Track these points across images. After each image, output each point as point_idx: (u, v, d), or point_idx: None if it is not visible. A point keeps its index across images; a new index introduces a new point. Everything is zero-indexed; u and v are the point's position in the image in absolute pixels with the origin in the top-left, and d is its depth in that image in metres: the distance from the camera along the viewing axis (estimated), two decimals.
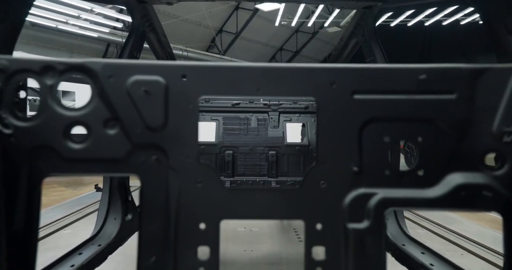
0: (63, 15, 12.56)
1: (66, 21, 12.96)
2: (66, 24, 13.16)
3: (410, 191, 1.09)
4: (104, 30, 14.37)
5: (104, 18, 13.49)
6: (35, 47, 15.36)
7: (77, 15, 12.71)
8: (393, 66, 1.10)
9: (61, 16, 12.58)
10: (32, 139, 1.01)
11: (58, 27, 13.30)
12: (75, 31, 13.77)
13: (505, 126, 1.05)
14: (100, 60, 1.07)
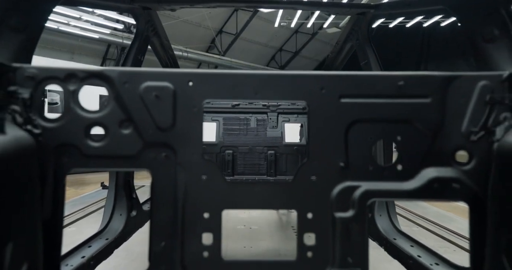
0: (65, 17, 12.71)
1: (67, 22, 13.11)
2: (67, 25, 13.31)
3: (390, 183, 1.24)
4: (105, 31, 14.50)
5: (105, 20, 13.63)
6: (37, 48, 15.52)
7: (78, 17, 12.86)
8: (375, 74, 1.25)
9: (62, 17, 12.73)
10: (58, 138, 1.15)
11: (60, 28, 13.45)
12: (76, 32, 13.91)
13: (472, 127, 1.19)
14: (116, 69, 1.21)
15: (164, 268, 1.20)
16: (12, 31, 1.46)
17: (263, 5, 2.78)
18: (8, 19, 1.44)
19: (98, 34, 14.40)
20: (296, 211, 1.26)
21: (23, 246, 0.97)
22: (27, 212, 1.02)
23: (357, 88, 1.24)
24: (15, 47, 1.45)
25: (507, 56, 1.53)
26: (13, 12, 1.46)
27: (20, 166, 0.97)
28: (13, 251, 0.90)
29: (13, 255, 0.90)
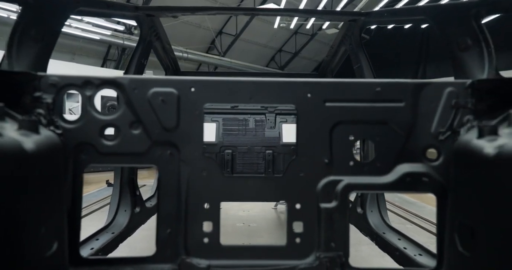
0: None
1: (69, 24, 13.26)
2: (69, 27, 13.46)
3: (369, 178, 1.40)
4: (106, 32, 14.65)
5: (106, 21, 13.79)
6: None
7: (80, 18, 13.02)
8: (355, 81, 1.41)
9: None
10: (76, 138, 1.32)
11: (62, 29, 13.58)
12: (77, 34, 14.06)
13: (440, 127, 1.36)
14: (127, 77, 1.38)
15: (170, 252, 1.36)
16: (32, 41, 1.62)
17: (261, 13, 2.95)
18: (29, 30, 1.60)
19: (99, 35, 14.54)
20: (286, 202, 1.43)
21: (54, 228, 1.14)
22: (57, 201, 1.18)
23: (340, 93, 1.41)
24: (34, 55, 1.62)
25: (478, 64, 1.70)
26: (33, 24, 1.62)
27: (52, 161, 1.13)
28: (47, 231, 1.06)
29: (47, 235, 1.06)
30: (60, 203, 1.20)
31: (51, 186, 1.14)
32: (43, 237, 1.05)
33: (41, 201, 1.06)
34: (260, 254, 1.41)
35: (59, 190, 1.20)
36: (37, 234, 1.04)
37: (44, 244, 1.07)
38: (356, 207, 3.03)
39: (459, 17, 1.75)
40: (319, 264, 1.36)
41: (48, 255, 1.10)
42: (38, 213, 1.04)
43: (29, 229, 0.99)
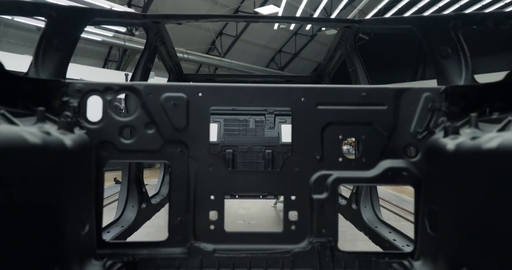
0: None
1: None
2: None
3: (356, 172, 1.59)
4: (108, 34, 14.84)
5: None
6: None
7: None
8: (343, 87, 1.60)
9: None
10: (98, 137, 1.50)
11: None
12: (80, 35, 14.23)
13: (418, 128, 1.55)
14: (142, 83, 1.57)
15: (180, 237, 1.55)
16: (54, 49, 1.81)
17: (261, 21, 3.13)
18: (52, 41, 1.79)
19: (101, 37, 14.72)
20: (283, 194, 1.61)
21: (87, 212, 1.32)
22: (88, 189, 1.37)
23: (330, 98, 1.60)
24: (56, 62, 1.81)
25: (457, 70, 1.89)
26: (55, 35, 1.81)
27: (83, 155, 1.31)
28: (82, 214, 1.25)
29: (82, 217, 1.25)
30: (89, 191, 1.39)
31: (84, 176, 1.33)
32: (80, 217, 1.24)
33: (77, 188, 1.24)
34: (259, 240, 1.60)
35: (89, 180, 1.39)
36: (76, 214, 1.22)
37: (80, 223, 1.26)
38: (351, 203, 3.20)
39: (440, 28, 1.94)
40: (312, 248, 1.55)
41: (83, 234, 1.29)
42: (76, 197, 1.23)
43: (71, 209, 1.18)
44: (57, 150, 1.10)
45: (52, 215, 1.10)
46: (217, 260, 1.55)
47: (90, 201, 1.39)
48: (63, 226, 1.15)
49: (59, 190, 1.12)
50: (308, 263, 1.55)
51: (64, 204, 1.15)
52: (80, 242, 1.26)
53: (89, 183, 1.40)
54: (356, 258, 1.56)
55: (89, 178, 1.40)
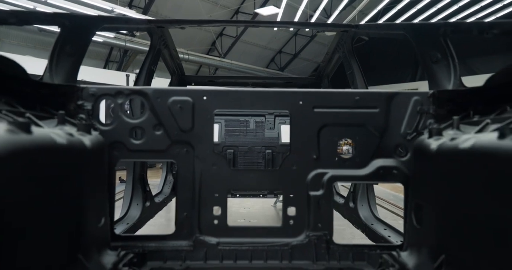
0: None
1: None
2: None
3: (349, 170, 1.70)
4: (109, 35, 14.94)
5: None
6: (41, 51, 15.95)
7: None
8: (338, 91, 1.72)
9: None
10: (110, 137, 1.61)
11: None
12: None
13: (408, 129, 1.66)
14: (151, 88, 1.68)
15: (186, 231, 1.67)
16: (67, 55, 1.93)
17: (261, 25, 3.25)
18: (64, 47, 1.91)
19: (102, 38, 14.82)
20: (282, 191, 1.73)
21: (103, 206, 1.44)
22: (103, 185, 1.48)
23: (326, 101, 1.71)
24: (68, 68, 1.93)
25: (446, 74, 2.01)
26: (68, 42, 1.93)
27: (99, 154, 1.43)
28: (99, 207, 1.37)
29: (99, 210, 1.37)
30: (104, 188, 1.50)
31: (100, 174, 1.44)
32: (97, 211, 1.36)
33: (95, 184, 1.36)
34: (260, 233, 1.71)
35: (104, 178, 1.51)
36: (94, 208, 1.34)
37: (97, 217, 1.37)
38: (348, 202, 3.31)
39: (430, 35, 2.05)
40: (308, 241, 1.67)
41: (100, 226, 1.40)
42: (94, 193, 1.34)
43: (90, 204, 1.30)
44: (78, 150, 1.21)
45: (76, 208, 1.22)
46: (221, 253, 1.67)
47: (105, 197, 1.51)
48: (85, 218, 1.27)
49: (81, 186, 1.24)
50: (305, 255, 1.67)
51: (85, 199, 1.27)
52: (98, 234, 1.38)
53: (104, 180, 1.52)
54: (350, 251, 1.68)
55: (104, 175, 1.52)
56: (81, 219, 1.25)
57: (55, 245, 1.09)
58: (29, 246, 0.95)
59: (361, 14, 16.90)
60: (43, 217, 1.02)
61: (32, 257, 0.96)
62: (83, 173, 1.27)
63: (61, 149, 1.10)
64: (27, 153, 0.92)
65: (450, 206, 1.22)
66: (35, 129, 0.99)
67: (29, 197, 0.95)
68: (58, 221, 1.11)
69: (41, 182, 1.01)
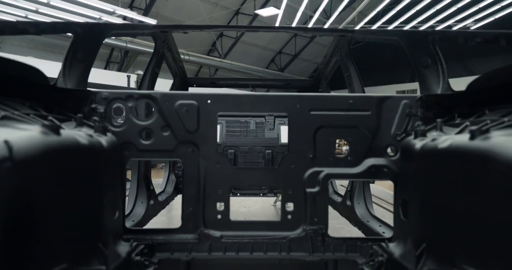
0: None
1: None
2: None
3: (343, 169, 1.83)
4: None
5: None
6: (43, 52, 16.10)
7: None
8: (333, 95, 1.84)
9: None
10: (121, 138, 1.74)
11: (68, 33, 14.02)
12: None
13: (397, 131, 1.79)
14: (159, 92, 1.81)
15: (192, 225, 1.80)
16: (78, 61, 2.06)
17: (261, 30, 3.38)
18: (76, 54, 2.04)
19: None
20: (280, 188, 1.86)
21: (117, 200, 1.57)
22: (117, 181, 1.61)
23: (321, 104, 1.84)
24: (80, 73, 2.05)
25: (435, 79, 2.13)
26: (79, 48, 2.05)
27: (114, 153, 1.56)
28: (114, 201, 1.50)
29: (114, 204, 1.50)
30: (118, 185, 1.63)
31: (114, 171, 1.57)
32: (113, 205, 1.49)
33: (111, 181, 1.49)
34: (260, 227, 1.84)
35: (118, 175, 1.64)
36: (110, 202, 1.47)
37: (113, 210, 1.50)
38: (346, 200, 3.44)
39: (420, 41, 2.18)
40: (305, 234, 1.80)
41: (114, 219, 1.53)
42: (110, 188, 1.47)
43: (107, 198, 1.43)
44: (97, 150, 1.34)
45: (96, 202, 1.35)
46: (224, 245, 1.79)
47: (118, 193, 1.64)
48: (103, 211, 1.40)
49: (100, 182, 1.37)
50: (302, 247, 1.79)
51: (103, 194, 1.40)
52: (113, 226, 1.50)
53: (118, 177, 1.65)
54: (344, 243, 1.80)
55: (117, 173, 1.65)
56: (100, 212, 1.38)
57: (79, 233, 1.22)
58: (59, 233, 1.08)
59: (360, 15, 17.02)
60: (70, 208, 1.15)
61: (61, 243, 1.09)
62: (101, 170, 1.40)
63: (84, 149, 1.23)
64: (56, 152, 1.05)
65: (430, 200, 1.35)
66: (62, 131, 1.12)
67: (58, 190, 1.08)
68: (82, 212, 1.24)
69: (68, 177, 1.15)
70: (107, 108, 1.76)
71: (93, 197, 1.33)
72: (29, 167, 0.91)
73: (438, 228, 1.29)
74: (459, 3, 15.60)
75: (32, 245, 0.94)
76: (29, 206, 0.93)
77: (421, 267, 1.21)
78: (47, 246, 1.00)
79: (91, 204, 1.32)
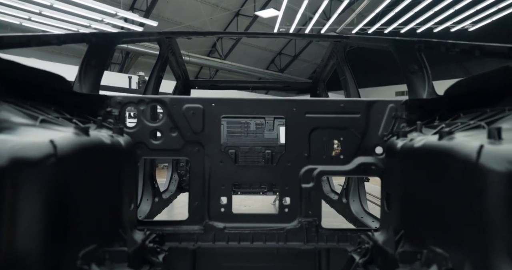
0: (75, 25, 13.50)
1: (77, 30, 13.90)
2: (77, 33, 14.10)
3: (336, 166, 2.01)
4: None
5: (112, 27, 14.42)
6: (45, 53, 16.26)
7: (88, 25, 13.65)
8: (326, 99, 2.03)
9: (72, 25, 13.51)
10: (134, 138, 1.92)
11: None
12: None
13: (385, 131, 1.97)
14: (168, 96, 1.99)
15: (198, 218, 1.98)
16: (92, 68, 2.24)
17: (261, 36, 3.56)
18: (91, 61, 2.22)
19: None
20: (278, 184, 2.04)
21: (132, 193, 1.75)
22: (132, 176, 1.79)
23: (315, 108, 2.03)
24: (93, 78, 2.23)
25: (422, 84, 2.31)
26: (93, 56, 2.23)
27: (129, 152, 1.74)
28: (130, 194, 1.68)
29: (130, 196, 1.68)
30: (133, 179, 1.81)
31: (130, 168, 1.76)
32: (129, 198, 1.67)
33: (127, 176, 1.67)
34: (260, 219, 2.02)
35: (133, 171, 1.82)
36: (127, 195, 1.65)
37: (129, 202, 1.68)
38: (341, 198, 3.61)
39: (408, 49, 2.36)
40: (301, 226, 1.98)
41: (130, 210, 1.71)
42: (127, 183, 1.65)
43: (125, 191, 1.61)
44: (117, 148, 1.52)
45: (117, 194, 1.54)
46: (227, 235, 1.98)
47: (133, 187, 1.82)
48: (122, 202, 1.58)
49: (120, 176, 1.56)
50: (298, 237, 1.98)
51: (122, 187, 1.58)
52: (129, 216, 1.68)
53: (133, 173, 1.83)
54: (335, 234, 1.98)
55: (132, 169, 1.83)
56: (120, 202, 1.57)
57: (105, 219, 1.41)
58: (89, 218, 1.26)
59: (360, 16, 17.19)
60: (97, 198, 1.34)
61: (91, 226, 1.27)
62: (120, 166, 1.58)
63: (107, 147, 1.42)
64: (87, 150, 1.24)
65: (407, 193, 1.54)
66: (90, 133, 1.30)
67: (88, 182, 1.27)
68: (106, 202, 1.43)
69: (95, 172, 1.33)
70: (121, 111, 1.94)
71: (114, 189, 1.52)
72: (68, 162, 1.10)
73: (413, 216, 1.48)
74: (457, 5, 15.79)
75: (70, 226, 1.13)
76: (68, 194, 1.11)
77: (399, 250, 1.39)
78: (81, 228, 1.19)
79: (112, 195, 1.50)
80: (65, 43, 2.05)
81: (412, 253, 1.31)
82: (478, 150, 1.04)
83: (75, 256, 1.15)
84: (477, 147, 1.04)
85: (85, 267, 1.17)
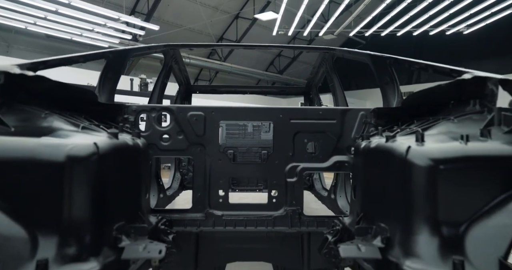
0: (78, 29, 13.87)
1: (80, 34, 14.28)
2: (79, 36, 14.47)
3: (315, 164, 2.40)
4: (114, 41, 15.61)
5: (115, 31, 14.81)
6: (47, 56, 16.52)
7: (91, 29, 14.02)
8: (307, 108, 2.42)
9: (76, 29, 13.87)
10: (147, 140, 2.30)
11: (73, 39, 14.64)
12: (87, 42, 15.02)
13: (356, 135, 2.36)
14: (175, 105, 2.38)
15: (200, 206, 2.36)
16: (108, 79, 2.62)
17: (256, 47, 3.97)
18: (107, 73, 2.60)
19: (107, 43, 15.48)
20: (267, 179, 2.42)
21: (147, 186, 2.14)
22: (146, 173, 2.17)
23: (299, 115, 2.41)
24: (109, 88, 2.62)
25: (393, 94, 2.70)
26: (110, 69, 2.62)
27: (145, 152, 2.11)
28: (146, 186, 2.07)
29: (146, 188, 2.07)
30: (147, 174, 2.19)
31: (146, 165, 2.14)
32: (145, 188, 2.05)
33: (144, 172, 2.05)
34: (252, 208, 2.40)
35: (147, 167, 2.20)
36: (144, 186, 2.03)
37: (145, 192, 2.06)
38: (330, 194, 3.98)
39: (382, 63, 2.75)
40: (286, 213, 2.36)
41: (146, 199, 2.09)
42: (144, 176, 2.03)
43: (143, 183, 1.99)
44: (137, 149, 1.91)
45: (138, 184, 1.92)
46: (224, 221, 2.36)
47: (147, 180, 2.20)
48: (141, 191, 1.97)
49: (139, 171, 1.94)
50: (283, 223, 2.36)
51: (141, 179, 1.96)
52: (145, 203, 2.06)
53: (148, 169, 2.21)
54: (315, 220, 2.36)
55: (147, 166, 2.21)
56: (139, 191, 1.95)
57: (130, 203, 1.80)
58: (120, 201, 1.65)
59: (358, 18, 17.51)
60: (125, 186, 1.73)
61: (121, 208, 1.66)
62: (139, 163, 1.96)
63: (131, 148, 1.80)
64: (118, 150, 1.62)
65: (365, 183, 1.93)
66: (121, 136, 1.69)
67: (120, 175, 1.65)
68: (130, 190, 1.82)
69: (124, 167, 1.72)
70: (136, 118, 2.32)
71: (135, 181, 1.90)
72: (105, 159, 1.48)
73: (367, 201, 1.87)
74: (452, 9, 16.16)
75: (107, 206, 1.51)
76: (106, 183, 1.50)
77: (356, 227, 1.77)
78: (114, 208, 1.57)
79: (134, 185, 1.88)
80: (89, 60, 2.44)
81: (365, 228, 1.69)
82: (407, 150, 1.44)
83: (111, 228, 1.54)
84: (406, 147, 1.44)
85: (118, 236, 1.56)
